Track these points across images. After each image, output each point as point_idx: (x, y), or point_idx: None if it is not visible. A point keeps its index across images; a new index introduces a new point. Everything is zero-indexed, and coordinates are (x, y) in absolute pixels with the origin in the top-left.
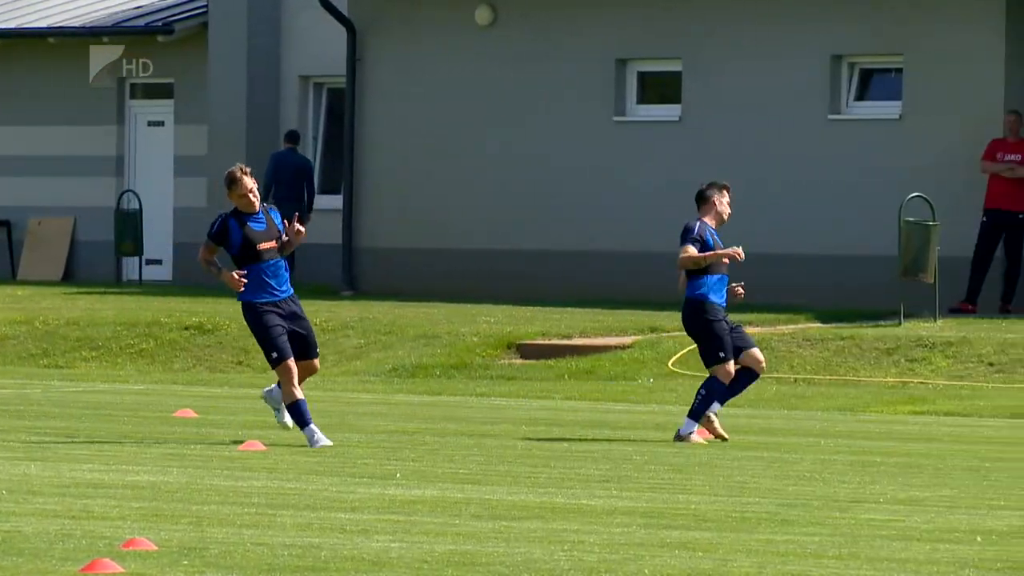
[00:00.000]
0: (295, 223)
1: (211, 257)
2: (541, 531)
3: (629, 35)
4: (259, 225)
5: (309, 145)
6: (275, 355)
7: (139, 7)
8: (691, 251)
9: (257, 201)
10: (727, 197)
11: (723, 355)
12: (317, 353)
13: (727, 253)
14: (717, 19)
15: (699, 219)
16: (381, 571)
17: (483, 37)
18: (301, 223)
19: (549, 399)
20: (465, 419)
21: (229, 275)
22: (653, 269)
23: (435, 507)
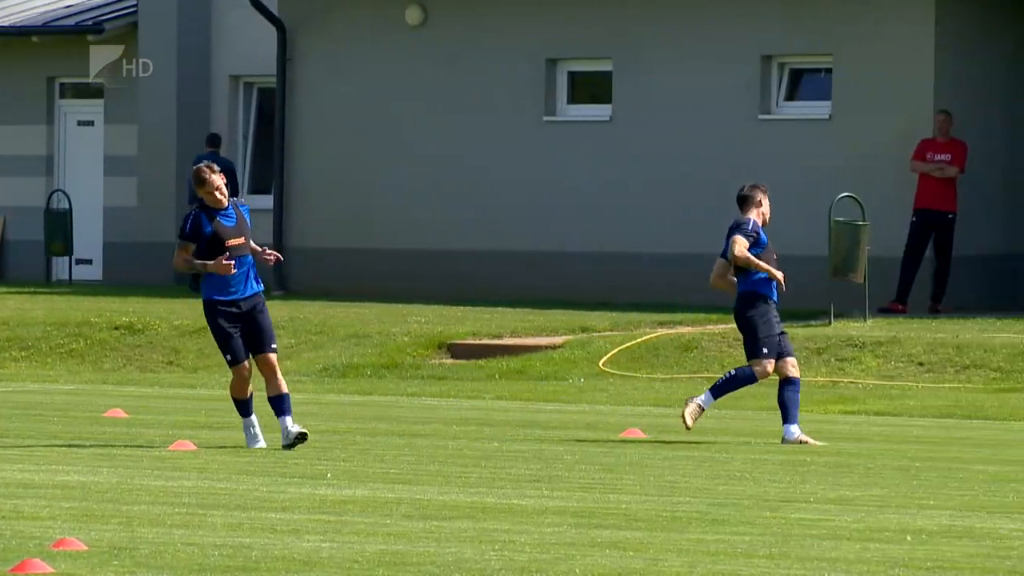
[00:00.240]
0: (267, 254)
1: (188, 256)
2: (472, 531)
3: (559, 35)
4: (229, 221)
5: (239, 145)
6: (228, 358)
7: (69, 6)
8: (744, 244)
9: (226, 198)
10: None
11: (766, 351)
12: (273, 348)
13: (776, 276)
14: (647, 19)
15: (750, 219)
16: (312, 571)
17: (413, 37)
18: (276, 258)
19: (480, 399)
20: (396, 419)
21: (216, 261)
22: (584, 269)
23: (366, 507)
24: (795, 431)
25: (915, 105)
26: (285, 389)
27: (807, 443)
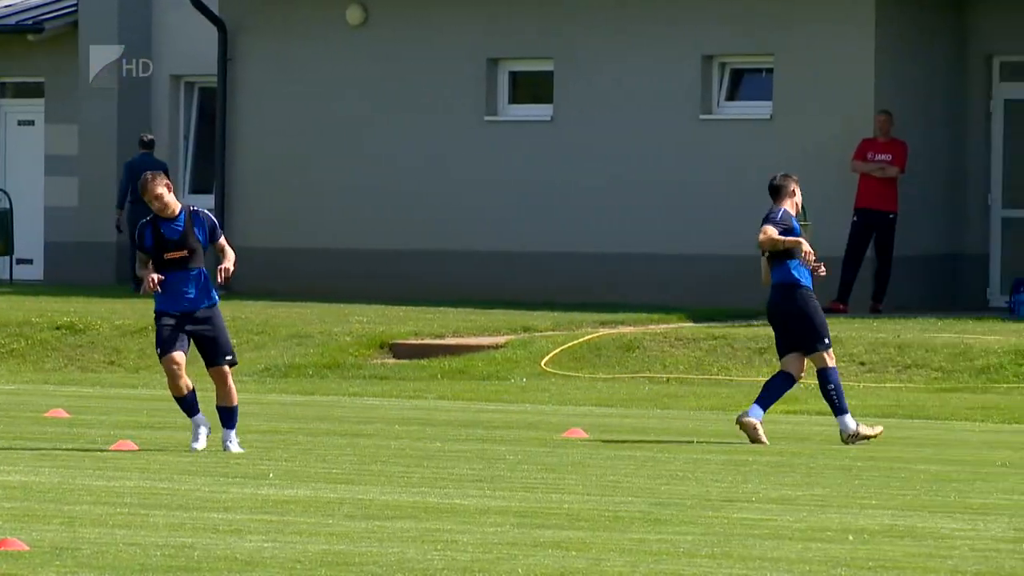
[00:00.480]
0: (224, 270)
1: (141, 264)
2: (414, 531)
3: (501, 34)
4: (173, 232)
5: (180, 145)
6: (158, 351)
7: (9, 5)
8: (771, 231)
9: (174, 206)
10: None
11: (828, 340)
12: (226, 360)
13: (806, 250)
14: (589, 19)
15: (781, 208)
16: (254, 571)
17: (355, 36)
18: (227, 275)
19: (422, 399)
20: (338, 419)
21: (147, 276)
22: (526, 269)
23: (308, 507)
24: (759, 415)
25: (856, 105)
26: (233, 402)
27: (870, 432)
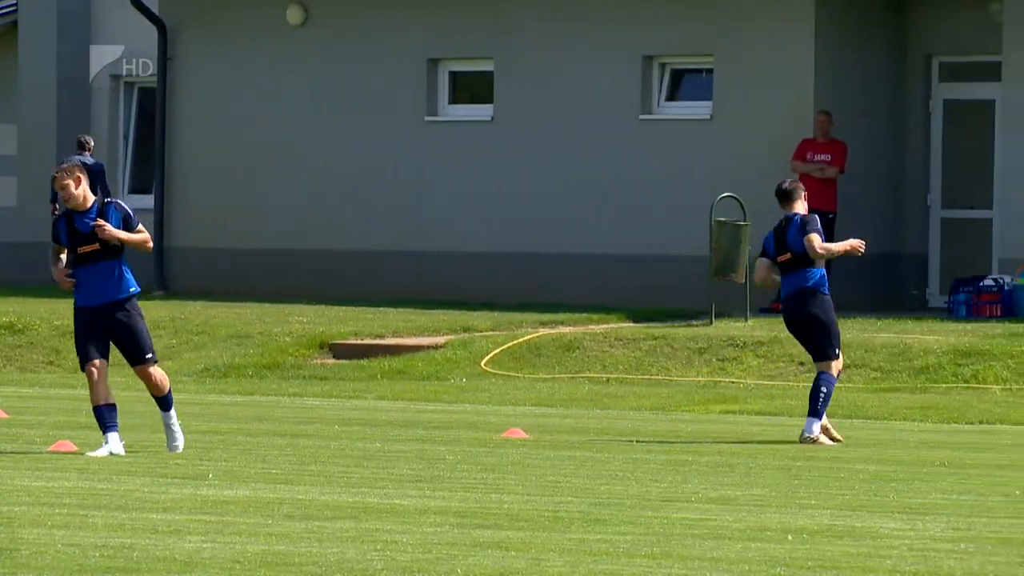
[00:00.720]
0: (99, 225)
1: (56, 257)
2: (354, 531)
3: (441, 35)
4: (84, 226)
5: (120, 145)
6: (79, 360)
7: None
8: (828, 245)
9: (81, 198)
10: None
11: (839, 350)
12: (147, 359)
13: (856, 246)
14: (529, 19)
15: (802, 214)
16: (193, 572)
17: (295, 37)
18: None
19: (362, 399)
20: (278, 419)
21: (58, 272)
22: (466, 269)
23: (248, 507)
24: (816, 429)
25: (796, 105)
26: (164, 391)
27: (826, 443)
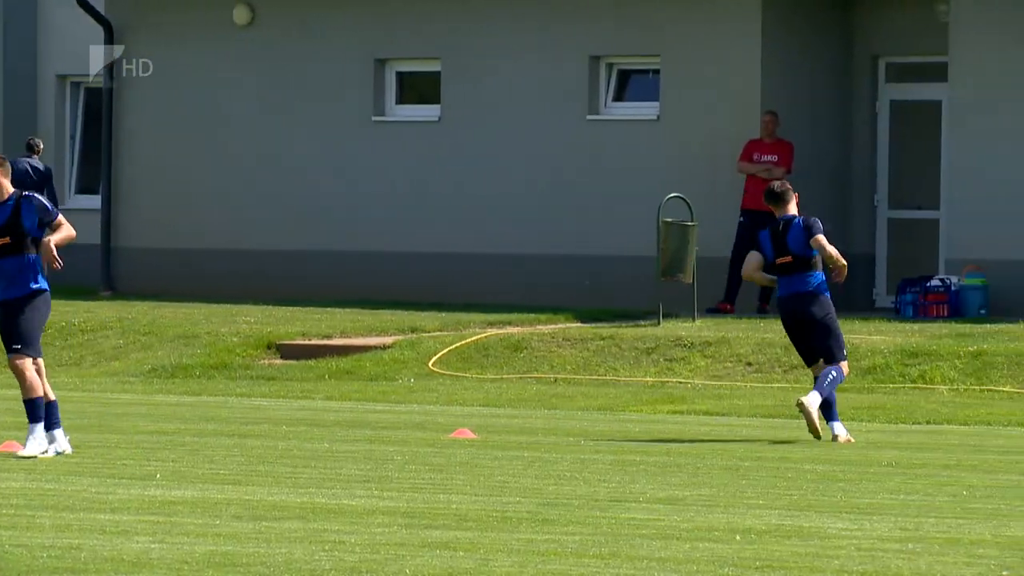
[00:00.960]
0: (44, 244)
1: None
2: (302, 531)
3: (388, 35)
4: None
5: (67, 145)
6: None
7: None
8: (832, 248)
9: (3, 190)
10: None
11: (846, 351)
12: (14, 349)
13: (844, 265)
14: (476, 20)
15: (804, 216)
16: (141, 572)
17: (242, 37)
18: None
19: (310, 399)
20: (225, 419)
21: None
22: (413, 269)
23: (195, 508)
24: (841, 430)
25: (743, 106)
26: (31, 395)
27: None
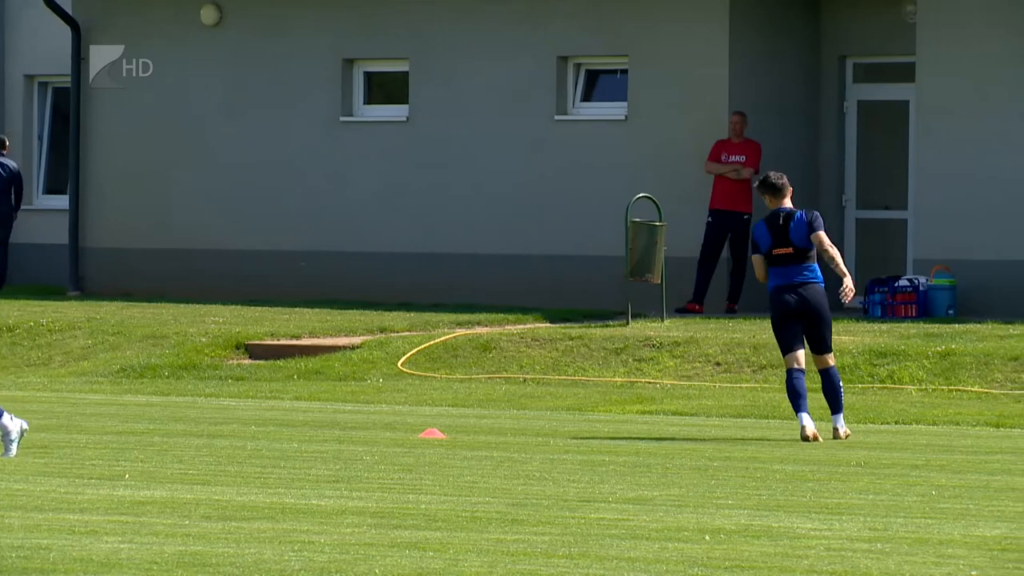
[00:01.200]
0: None
1: None
2: (271, 531)
3: (356, 35)
4: None
5: (35, 145)
6: None
7: None
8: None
9: None
10: None
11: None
12: None
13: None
14: (445, 20)
15: (813, 211)
16: (110, 572)
17: (210, 37)
18: None
19: (279, 399)
20: (194, 420)
21: None
22: (382, 269)
23: (164, 508)
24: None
25: (711, 106)
26: None
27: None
